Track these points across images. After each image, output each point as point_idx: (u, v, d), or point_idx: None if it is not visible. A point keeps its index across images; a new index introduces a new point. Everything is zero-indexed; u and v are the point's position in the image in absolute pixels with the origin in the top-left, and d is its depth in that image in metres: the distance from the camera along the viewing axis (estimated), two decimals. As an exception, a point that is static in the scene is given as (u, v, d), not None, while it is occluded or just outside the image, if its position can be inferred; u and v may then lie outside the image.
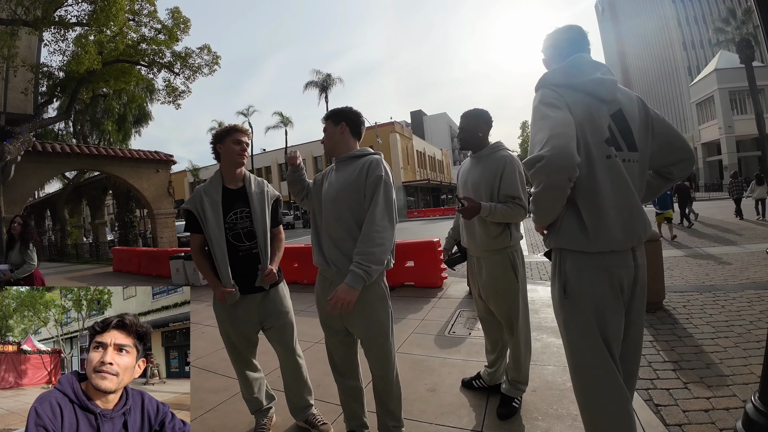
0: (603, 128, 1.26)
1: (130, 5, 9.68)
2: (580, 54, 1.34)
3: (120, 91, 17.41)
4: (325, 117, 1.87)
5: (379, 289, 1.74)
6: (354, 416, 1.92)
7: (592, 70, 1.30)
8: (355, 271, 1.54)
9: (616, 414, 1.23)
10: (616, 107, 1.28)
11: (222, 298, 1.91)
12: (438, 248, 5.65)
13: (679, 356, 2.72)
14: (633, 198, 1.28)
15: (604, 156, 1.24)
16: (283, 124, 34.48)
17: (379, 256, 1.57)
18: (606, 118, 1.27)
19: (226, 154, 2.02)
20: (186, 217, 2.01)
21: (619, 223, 1.25)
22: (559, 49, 1.41)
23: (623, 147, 1.28)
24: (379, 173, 1.67)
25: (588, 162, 1.24)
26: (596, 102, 1.27)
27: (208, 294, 2.28)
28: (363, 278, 1.54)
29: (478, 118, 2.22)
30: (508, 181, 2.03)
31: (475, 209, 1.97)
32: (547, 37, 1.45)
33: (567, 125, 1.19)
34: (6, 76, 9.09)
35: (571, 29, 1.41)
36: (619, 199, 1.26)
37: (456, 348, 3.24)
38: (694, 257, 6.39)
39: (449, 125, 76.24)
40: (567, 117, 1.22)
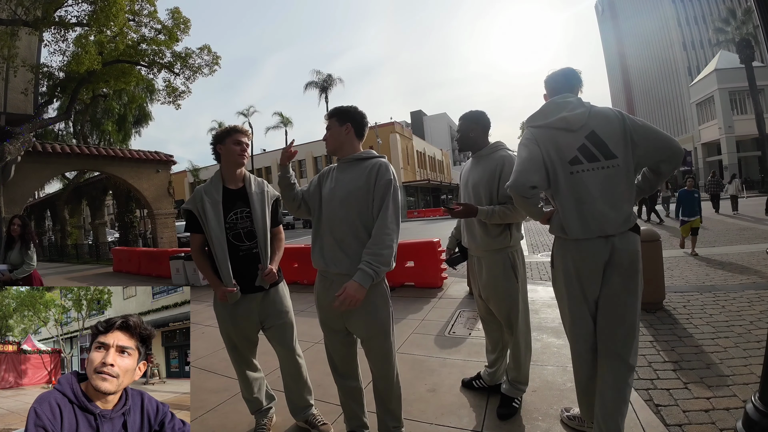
0: (568, 151, 1.67)
1: (130, 5, 9.68)
2: (559, 95, 1.77)
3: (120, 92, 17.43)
4: (330, 114, 1.85)
5: (380, 289, 1.75)
6: (354, 416, 1.92)
7: (560, 111, 1.71)
8: (366, 270, 1.58)
9: (578, 346, 1.77)
10: (588, 130, 1.66)
11: (223, 298, 1.91)
12: (438, 248, 5.65)
13: (679, 356, 2.72)
14: (592, 201, 1.64)
15: (568, 172, 1.68)
16: (283, 124, 34.50)
17: (388, 258, 1.63)
18: (579, 140, 1.67)
19: (227, 154, 2.02)
20: (186, 217, 2.01)
21: (577, 219, 1.66)
22: (551, 90, 1.85)
23: (600, 158, 1.65)
24: (389, 178, 1.71)
25: (555, 177, 1.70)
26: (563, 133, 1.69)
27: (208, 294, 2.28)
28: (372, 277, 1.59)
29: (473, 120, 2.24)
30: (507, 181, 2.04)
31: (471, 211, 2.02)
32: (545, 79, 1.87)
33: (528, 161, 1.69)
34: (6, 77, 9.09)
35: (561, 74, 1.83)
36: (577, 202, 1.66)
37: (456, 348, 3.24)
38: (694, 257, 6.39)
39: (449, 125, 76.24)
40: (533, 153, 1.70)
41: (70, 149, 11.77)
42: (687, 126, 42.51)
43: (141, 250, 10.92)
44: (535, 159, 1.69)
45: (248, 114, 35.40)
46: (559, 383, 2.45)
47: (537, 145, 1.72)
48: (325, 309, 1.80)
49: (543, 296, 4.59)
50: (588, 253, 1.66)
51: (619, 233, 1.64)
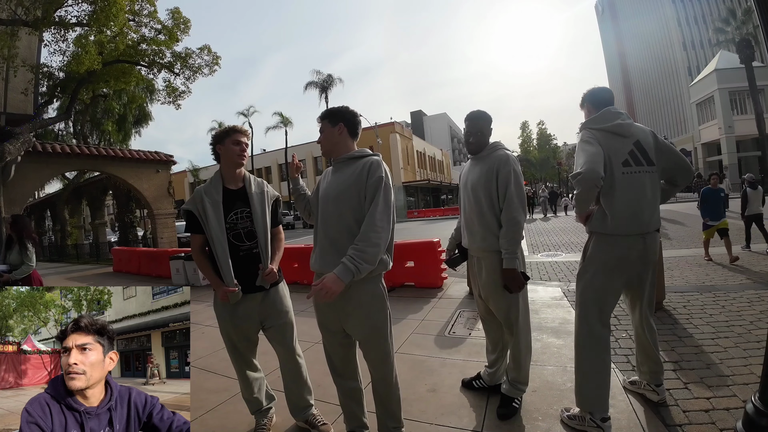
0: (621, 154, 1.93)
1: (130, 5, 9.68)
2: (608, 107, 2.05)
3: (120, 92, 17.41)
4: (321, 116, 1.84)
5: (377, 290, 1.73)
6: (354, 417, 1.92)
7: (615, 118, 1.99)
8: (347, 264, 1.54)
9: (592, 324, 1.99)
10: (635, 138, 1.96)
11: (224, 298, 1.91)
12: (438, 248, 5.65)
13: (679, 356, 2.72)
14: (643, 198, 1.91)
15: (621, 172, 1.92)
16: (283, 124, 34.51)
17: (372, 256, 1.57)
18: (628, 146, 1.95)
19: (226, 154, 2.02)
20: (186, 217, 2.01)
21: (627, 215, 1.90)
22: (597, 102, 2.11)
23: (644, 163, 1.94)
24: (380, 174, 1.67)
25: (611, 174, 1.92)
26: (618, 137, 1.96)
27: (208, 294, 2.28)
28: (352, 273, 1.54)
29: (487, 120, 2.24)
30: (504, 180, 2.05)
31: (517, 276, 2.03)
32: (588, 93, 2.16)
33: (596, 155, 1.88)
34: (6, 77, 9.08)
35: (604, 90, 2.15)
36: (629, 198, 1.90)
37: (456, 348, 3.24)
38: (694, 257, 6.38)
39: (449, 125, 76.21)
40: (598, 149, 1.91)
41: (70, 149, 11.76)
42: (687, 126, 42.49)
43: (141, 250, 10.92)
44: (600, 154, 1.90)
45: (248, 114, 35.47)
46: (559, 383, 2.45)
47: (599, 144, 1.93)
48: (323, 310, 1.80)
49: (543, 296, 4.60)
50: (628, 247, 1.93)
51: (652, 231, 1.96)
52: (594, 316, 1.98)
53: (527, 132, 55.59)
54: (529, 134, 55.62)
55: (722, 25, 25.90)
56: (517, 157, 2.47)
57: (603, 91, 2.15)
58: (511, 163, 2.07)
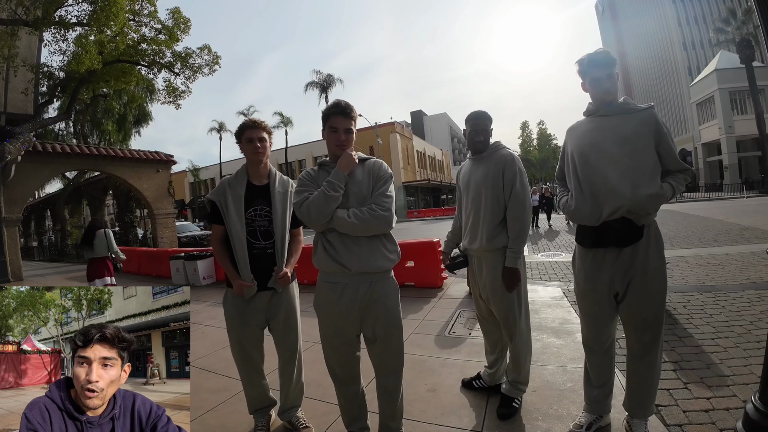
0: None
1: (130, 5, 9.68)
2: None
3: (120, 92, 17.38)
4: (352, 116, 1.74)
5: (393, 283, 1.76)
6: (354, 418, 1.90)
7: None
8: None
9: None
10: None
11: (239, 291, 1.92)
12: (438, 248, 5.64)
13: (679, 356, 2.72)
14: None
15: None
16: (283, 124, 34.52)
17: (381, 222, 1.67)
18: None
19: (244, 151, 2.03)
20: (210, 207, 2.02)
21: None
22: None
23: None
24: (389, 172, 1.77)
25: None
26: None
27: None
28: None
29: (490, 119, 2.24)
30: (510, 179, 2.05)
31: (516, 275, 2.07)
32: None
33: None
34: (6, 76, 9.09)
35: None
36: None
37: (456, 348, 3.24)
38: (694, 257, 6.38)
39: (449, 125, 76.17)
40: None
41: (70, 149, 11.77)
42: (687, 126, 42.46)
43: (141, 250, 10.92)
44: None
45: (248, 114, 35.39)
46: (559, 383, 2.45)
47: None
48: (340, 317, 1.71)
49: (543, 296, 4.60)
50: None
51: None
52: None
53: (527, 132, 55.66)
54: (529, 134, 55.72)
55: (722, 25, 25.86)
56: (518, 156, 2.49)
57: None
58: (516, 163, 2.08)
